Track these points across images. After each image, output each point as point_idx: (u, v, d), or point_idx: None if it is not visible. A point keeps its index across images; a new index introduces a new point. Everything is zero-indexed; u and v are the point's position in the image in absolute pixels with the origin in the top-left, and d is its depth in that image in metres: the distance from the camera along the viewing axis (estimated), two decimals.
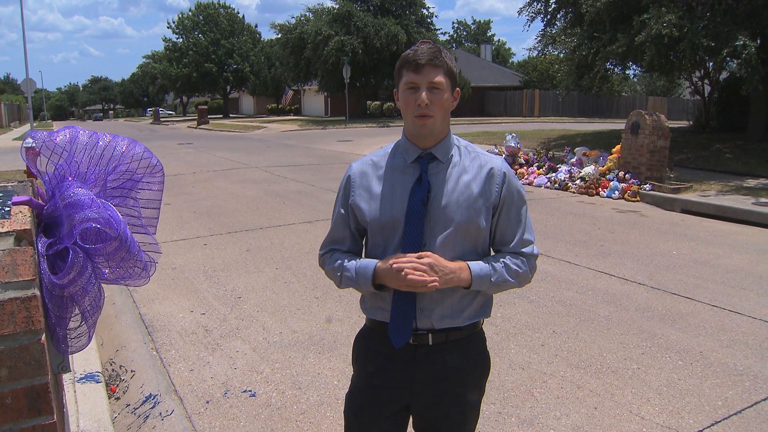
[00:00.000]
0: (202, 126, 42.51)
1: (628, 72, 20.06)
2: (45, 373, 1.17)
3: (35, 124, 41.92)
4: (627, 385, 3.87)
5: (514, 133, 14.29)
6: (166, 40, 60.74)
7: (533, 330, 4.77)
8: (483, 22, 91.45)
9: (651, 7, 12.51)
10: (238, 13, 61.18)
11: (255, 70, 58.18)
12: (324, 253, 2.10)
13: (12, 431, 1.16)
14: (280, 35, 43.81)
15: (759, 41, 13.42)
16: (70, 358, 1.53)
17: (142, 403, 3.72)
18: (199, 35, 58.46)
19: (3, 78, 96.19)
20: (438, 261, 1.81)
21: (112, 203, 1.42)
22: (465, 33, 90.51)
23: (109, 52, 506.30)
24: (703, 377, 3.97)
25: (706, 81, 18.73)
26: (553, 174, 12.37)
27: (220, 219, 9.02)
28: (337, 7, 39.40)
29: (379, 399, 2.01)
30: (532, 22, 18.26)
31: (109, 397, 3.77)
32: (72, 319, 1.36)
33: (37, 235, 1.33)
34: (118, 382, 4.04)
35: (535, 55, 20.75)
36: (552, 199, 10.85)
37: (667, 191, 10.45)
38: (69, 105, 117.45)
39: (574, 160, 12.72)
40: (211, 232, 8.16)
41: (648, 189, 10.72)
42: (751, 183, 11.20)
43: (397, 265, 1.79)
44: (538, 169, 12.96)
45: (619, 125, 20.12)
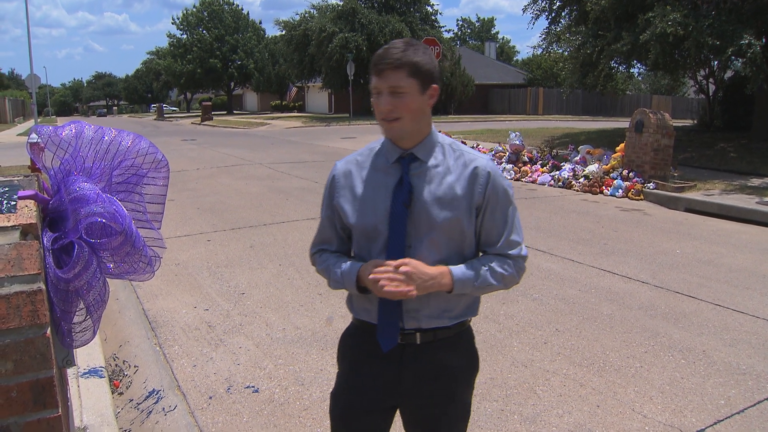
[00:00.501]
0: (206, 122, 42.54)
1: (632, 70, 20.00)
2: (50, 367, 1.17)
3: (39, 120, 41.99)
4: (630, 383, 3.86)
5: (518, 132, 14.27)
6: (170, 36, 60.88)
7: (536, 328, 4.77)
8: (487, 19, 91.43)
9: (656, 5, 12.47)
10: (242, 9, 61.24)
11: (259, 66, 58.17)
12: (314, 253, 2.08)
13: (17, 424, 1.16)
14: (284, 32, 43.83)
15: (764, 40, 13.39)
16: (74, 352, 1.54)
17: (145, 398, 3.73)
18: (204, 31, 58.51)
19: (7, 74, 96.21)
20: (417, 268, 1.77)
21: (117, 198, 1.42)
22: (469, 30, 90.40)
23: (114, 48, 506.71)
24: (705, 376, 3.97)
25: (711, 80, 18.67)
26: (557, 172, 12.35)
27: (224, 215, 9.03)
28: (341, 4, 39.38)
29: (365, 399, 1.98)
30: (536, 19, 18.20)
31: (113, 392, 3.78)
32: (77, 313, 1.36)
33: (42, 229, 1.34)
34: (121, 377, 4.05)
35: (539, 53, 20.73)
36: (555, 198, 10.84)
37: (671, 190, 10.43)
38: (73, 101, 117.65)
39: (577, 158, 12.69)
40: (215, 228, 8.17)
41: (652, 187, 10.70)
42: (756, 182, 11.17)
43: (373, 276, 1.76)
44: (542, 167, 12.94)
45: (623, 124, 20.07)
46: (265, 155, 17.71)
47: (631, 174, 11.16)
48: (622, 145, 11.93)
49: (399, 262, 1.76)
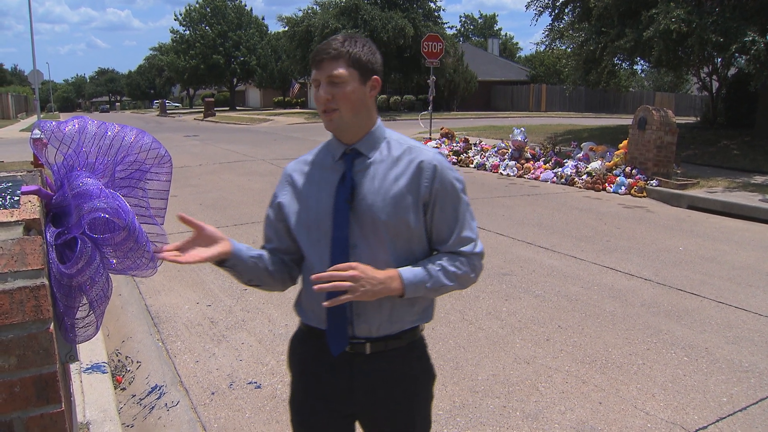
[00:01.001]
0: (209, 118, 42.53)
1: (635, 67, 19.96)
2: (53, 362, 1.17)
3: (42, 116, 42.03)
4: (632, 380, 3.86)
5: (522, 128, 14.25)
6: (173, 32, 60.88)
7: (538, 324, 4.77)
8: (489, 16, 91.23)
9: (659, 2, 12.44)
10: (245, 5, 61.23)
11: (262, 62, 58.17)
12: (261, 248, 2.01)
13: (20, 419, 1.17)
14: (287, 28, 43.75)
15: None
16: (77, 347, 1.54)
17: (148, 394, 3.74)
18: (207, 27, 58.51)
19: (10, 69, 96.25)
20: (365, 272, 1.67)
21: (120, 193, 1.42)
22: (472, 27, 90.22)
23: (116, 44, 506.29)
24: (708, 373, 3.97)
25: (714, 77, 18.61)
26: (560, 169, 12.34)
27: (227, 211, 9.04)
28: (344, 0, 39.33)
29: (321, 410, 1.90)
30: (539, 16, 18.22)
31: (115, 388, 3.79)
32: (80, 308, 1.36)
33: (45, 224, 1.34)
34: (124, 373, 4.06)
35: (542, 49, 20.68)
36: (558, 194, 10.83)
37: (674, 187, 10.41)
38: (76, 97, 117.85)
39: (580, 155, 12.67)
40: (218, 224, 8.17)
41: (655, 185, 10.68)
42: (759, 180, 11.15)
43: (316, 277, 1.67)
44: (545, 164, 12.92)
45: (626, 121, 20.04)
46: (267, 151, 17.71)
47: (634, 171, 11.14)
48: (625, 142, 11.91)
49: (346, 265, 1.67)
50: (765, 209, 8.72)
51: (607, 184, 11.20)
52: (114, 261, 1.41)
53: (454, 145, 15.82)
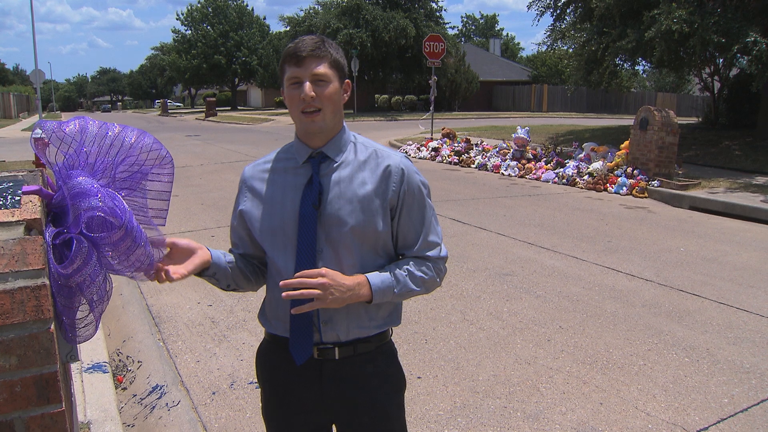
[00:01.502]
0: (210, 118, 42.55)
1: (637, 68, 19.99)
2: (54, 362, 1.17)
3: (44, 115, 42.06)
4: (633, 381, 3.86)
5: (527, 127, 14.24)
6: (175, 31, 60.94)
7: (539, 325, 4.77)
8: (491, 16, 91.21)
9: (661, 2, 12.42)
10: (246, 5, 61.25)
11: (263, 62, 58.18)
12: (229, 250, 1.99)
13: (21, 419, 1.17)
14: (288, 28, 43.79)
15: None
16: (78, 347, 1.54)
17: (149, 394, 3.74)
18: (208, 27, 58.59)
19: (12, 69, 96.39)
20: (334, 279, 1.65)
21: (121, 194, 1.42)
22: (474, 27, 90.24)
23: (118, 43, 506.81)
24: (709, 374, 3.96)
25: (716, 77, 18.60)
26: (561, 169, 12.34)
27: (228, 211, 9.00)
28: (346, 0, 39.33)
29: (294, 421, 1.88)
30: (541, 16, 18.22)
31: (116, 387, 3.80)
32: (79, 308, 1.36)
33: (46, 224, 1.34)
34: (125, 373, 4.06)
35: (544, 50, 20.68)
36: (560, 195, 10.82)
37: (676, 188, 10.41)
38: (77, 96, 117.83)
39: (582, 155, 12.67)
40: (219, 224, 8.18)
41: (656, 185, 10.67)
42: (760, 180, 11.14)
43: (284, 284, 1.64)
44: (546, 164, 12.92)
45: (627, 121, 20.03)
46: (269, 151, 17.55)
47: (635, 171, 11.14)
48: (627, 142, 11.92)
49: (315, 272, 1.64)
50: (766, 210, 8.72)
51: (608, 185, 11.19)
52: (113, 261, 1.41)
53: (456, 145, 15.82)
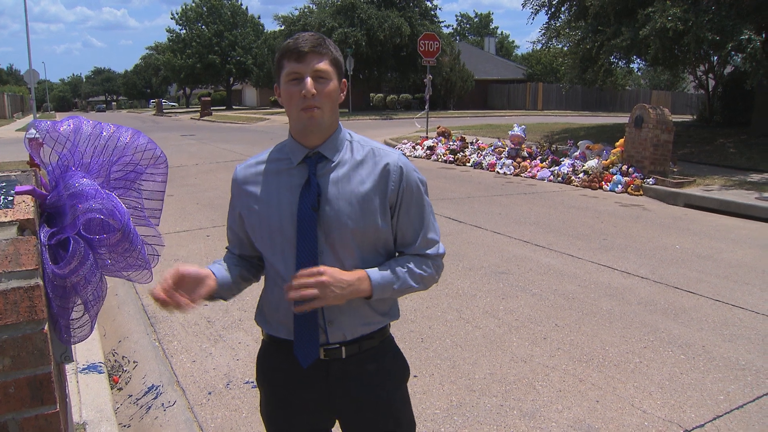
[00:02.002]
0: (205, 117, 42.47)
1: (632, 66, 20.02)
2: (48, 363, 1.17)
3: (38, 115, 41.93)
4: (629, 378, 3.87)
5: (523, 125, 14.25)
6: (169, 31, 60.80)
7: (535, 323, 4.77)
8: (485, 14, 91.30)
9: (656, 0, 12.46)
10: (241, 4, 61.17)
11: (258, 62, 58.13)
12: (226, 248, 2.01)
13: (15, 420, 1.16)
14: (283, 27, 43.77)
15: (764, 35, 13.38)
16: (73, 348, 1.53)
17: (145, 394, 3.73)
18: (203, 27, 58.47)
19: (6, 69, 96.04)
20: (334, 277, 1.63)
21: (115, 194, 1.42)
22: (468, 26, 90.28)
23: (112, 43, 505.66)
24: (705, 371, 3.97)
25: (711, 75, 18.68)
26: (556, 167, 12.35)
27: (223, 210, 9.00)
28: None
29: (295, 421, 1.87)
30: (536, 15, 18.22)
31: (112, 388, 3.78)
32: (74, 309, 1.36)
33: (39, 224, 1.33)
34: (120, 373, 4.05)
35: (538, 48, 20.69)
36: (555, 193, 10.84)
37: (671, 185, 10.43)
38: (72, 96, 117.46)
39: (577, 153, 12.69)
40: (214, 223, 8.17)
41: (651, 183, 10.69)
42: (755, 178, 11.17)
43: (288, 288, 1.62)
44: (542, 162, 12.93)
45: (622, 119, 20.06)
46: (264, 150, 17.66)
47: (630, 169, 11.16)
48: (622, 140, 11.94)
49: (314, 270, 1.62)
50: (761, 207, 8.74)
51: (603, 183, 11.21)
52: (109, 261, 1.40)
53: (451, 143, 15.82)
